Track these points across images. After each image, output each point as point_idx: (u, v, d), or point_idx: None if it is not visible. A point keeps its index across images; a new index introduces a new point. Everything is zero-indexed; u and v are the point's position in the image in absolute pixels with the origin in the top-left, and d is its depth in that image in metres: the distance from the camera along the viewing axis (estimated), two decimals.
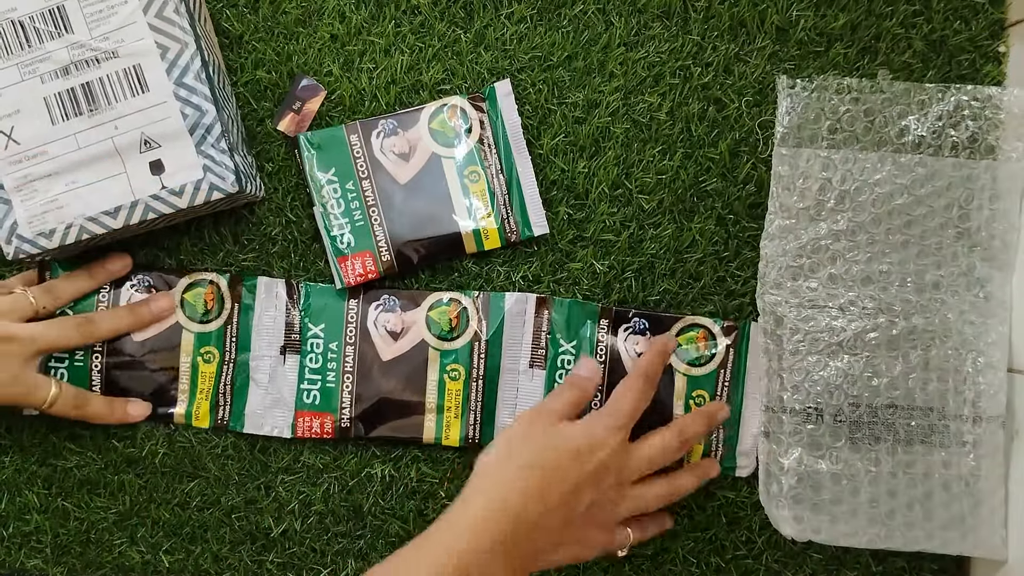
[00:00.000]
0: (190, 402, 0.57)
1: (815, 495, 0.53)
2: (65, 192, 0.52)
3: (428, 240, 0.56)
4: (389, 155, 0.56)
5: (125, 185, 0.52)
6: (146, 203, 0.52)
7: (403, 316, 0.56)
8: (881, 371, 0.53)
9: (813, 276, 0.54)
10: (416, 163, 0.56)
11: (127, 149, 0.51)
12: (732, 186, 0.57)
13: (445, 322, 0.56)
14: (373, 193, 0.56)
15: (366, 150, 0.56)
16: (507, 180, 0.57)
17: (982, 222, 0.53)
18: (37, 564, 0.58)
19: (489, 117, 0.57)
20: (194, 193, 0.52)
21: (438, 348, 0.56)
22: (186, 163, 0.52)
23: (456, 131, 0.56)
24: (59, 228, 0.52)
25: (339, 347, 0.57)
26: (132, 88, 0.51)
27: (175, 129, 0.51)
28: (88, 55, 0.50)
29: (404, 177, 0.56)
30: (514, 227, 0.57)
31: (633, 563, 0.57)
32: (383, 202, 0.56)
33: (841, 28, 0.57)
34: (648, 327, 0.56)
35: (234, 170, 0.52)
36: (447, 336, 0.56)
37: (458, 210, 0.56)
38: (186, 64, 0.51)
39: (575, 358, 0.56)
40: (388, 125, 0.56)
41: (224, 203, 0.54)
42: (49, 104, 0.51)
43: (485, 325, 0.56)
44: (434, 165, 0.56)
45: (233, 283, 0.57)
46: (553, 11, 0.57)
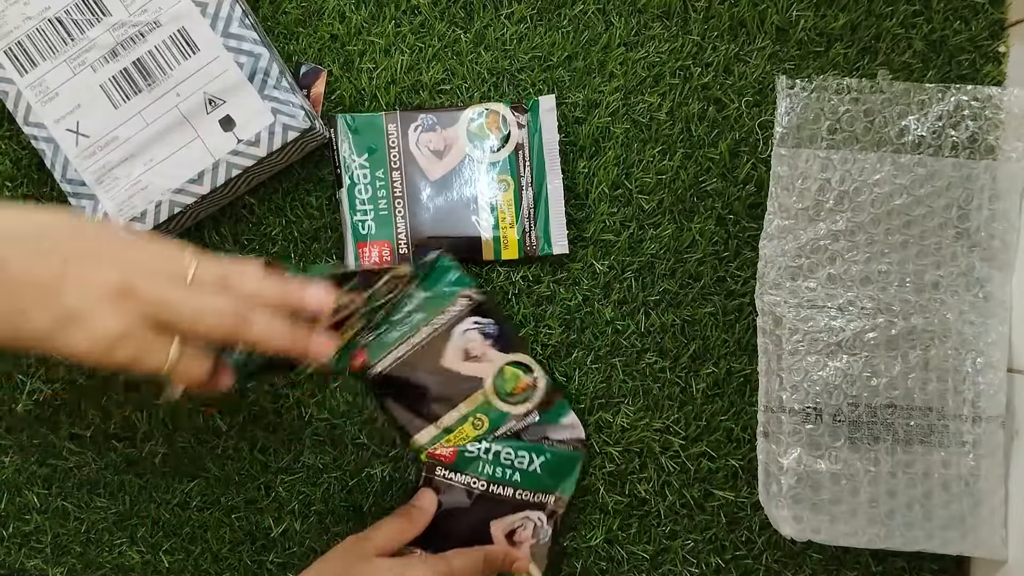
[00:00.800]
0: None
1: (814, 495, 0.53)
2: (146, 172, 0.52)
3: (448, 239, 0.56)
4: (424, 150, 0.56)
5: (202, 149, 0.52)
6: (227, 161, 0.52)
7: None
8: (880, 371, 0.53)
9: (812, 276, 0.54)
10: (449, 162, 0.56)
11: (194, 113, 0.51)
12: (732, 186, 0.57)
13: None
14: (402, 185, 0.56)
15: (402, 141, 0.56)
16: (536, 194, 0.57)
17: (982, 222, 0.53)
18: (37, 564, 0.58)
19: (529, 129, 0.57)
20: (270, 139, 0.52)
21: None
22: (255, 111, 0.52)
23: (494, 137, 0.56)
24: (149, 208, 0.52)
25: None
26: (183, 52, 0.51)
27: (235, 81, 0.51)
28: (131, 32, 0.51)
29: (435, 174, 0.56)
30: (535, 241, 0.57)
31: (633, 563, 0.57)
32: (410, 195, 0.56)
33: (841, 28, 0.57)
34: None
35: (300, 106, 0.52)
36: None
37: (482, 215, 0.56)
38: (228, 14, 0.51)
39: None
40: (427, 120, 0.56)
41: (297, 151, 0.54)
42: (107, 90, 0.51)
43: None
44: (466, 167, 0.56)
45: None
46: (553, 11, 0.58)
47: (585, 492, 0.57)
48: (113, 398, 0.58)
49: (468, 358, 0.55)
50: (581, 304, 0.58)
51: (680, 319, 0.57)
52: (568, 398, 0.57)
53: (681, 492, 0.57)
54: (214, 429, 0.58)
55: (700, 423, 0.57)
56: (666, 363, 0.57)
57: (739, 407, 0.57)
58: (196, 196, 0.52)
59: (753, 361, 0.57)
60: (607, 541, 0.57)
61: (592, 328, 0.58)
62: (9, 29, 0.51)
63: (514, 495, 0.55)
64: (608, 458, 0.57)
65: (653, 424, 0.57)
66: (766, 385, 0.54)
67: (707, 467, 0.57)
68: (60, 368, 0.58)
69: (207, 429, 0.58)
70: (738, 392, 0.57)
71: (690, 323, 0.57)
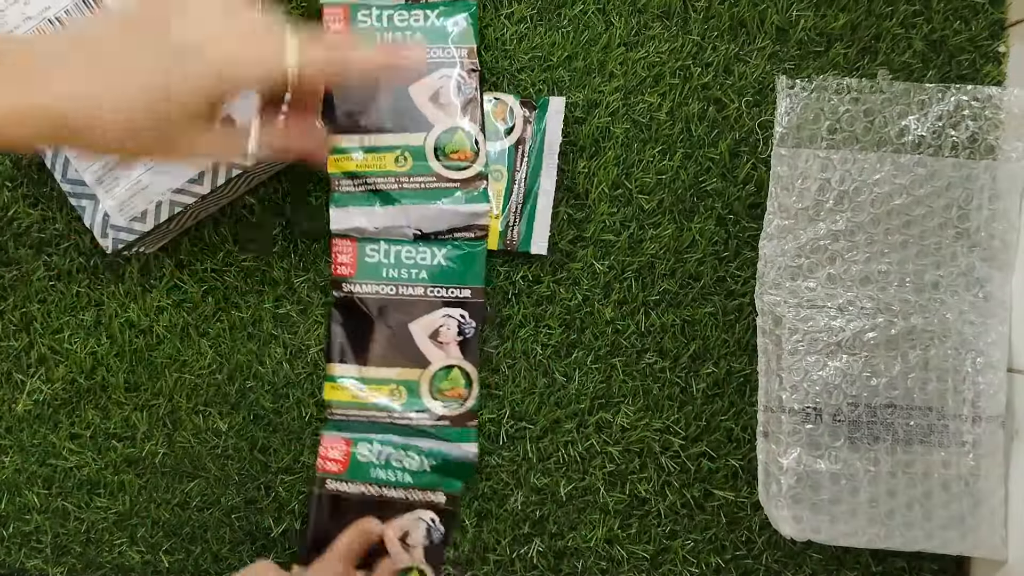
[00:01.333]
0: None
1: (814, 495, 0.53)
2: (146, 171, 0.52)
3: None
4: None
5: None
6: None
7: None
8: (880, 371, 0.53)
9: (812, 276, 0.54)
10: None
11: None
12: (732, 186, 0.57)
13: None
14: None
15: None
16: (527, 191, 0.57)
17: (981, 222, 0.53)
18: (37, 564, 0.58)
19: (534, 126, 0.57)
20: None
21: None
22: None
23: (498, 126, 0.56)
24: (149, 208, 0.52)
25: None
26: None
27: None
28: None
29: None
30: (515, 237, 0.57)
31: (633, 563, 0.57)
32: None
33: (841, 28, 0.57)
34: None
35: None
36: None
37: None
38: None
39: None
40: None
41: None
42: None
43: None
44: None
45: None
46: (553, 11, 0.58)
47: (585, 492, 0.58)
48: (113, 398, 0.58)
49: (432, 337, 0.56)
50: (581, 304, 0.58)
51: (680, 319, 0.57)
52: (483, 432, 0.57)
53: (681, 492, 0.57)
54: (214, 429, 0.58)
55: (700, 423, 0.57)
56: (666, 363, 0.57)
57: (739, 407, 0.57)
58: (196, 196, 0.52)
59: (753, 361, 0.57)
60: (607, 541, 0.58)
61: (592, 328, 0.58)
62: (9, 29, 0.51)
63: (405, 496, 0.56)
64: (608, 458, 0.57)
65: (653, 424, 0.57)
66: (766, 385, 0.54)
67: (707, 467, 0.57)
68: (60, 368, 0.58)
69: (207, 429, 0.58)
70: (738, 392, 0.57)
71: (690, 323, 0.57)
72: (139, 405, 0.58)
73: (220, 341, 0.58)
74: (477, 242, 0.56)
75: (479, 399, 0.57)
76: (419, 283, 0.56)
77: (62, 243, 0.58)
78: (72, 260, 0.58)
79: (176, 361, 0.58)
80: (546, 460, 0.58)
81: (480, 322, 0.56)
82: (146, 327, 0.58)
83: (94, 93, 0.37)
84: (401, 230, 0.56)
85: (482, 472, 0.58)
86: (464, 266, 0.56)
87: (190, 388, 0.58)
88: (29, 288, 0.59)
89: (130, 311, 0.58)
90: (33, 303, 0.58)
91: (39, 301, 0.58)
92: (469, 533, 0.58)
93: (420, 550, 0.56)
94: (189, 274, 0.58)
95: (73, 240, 0.58)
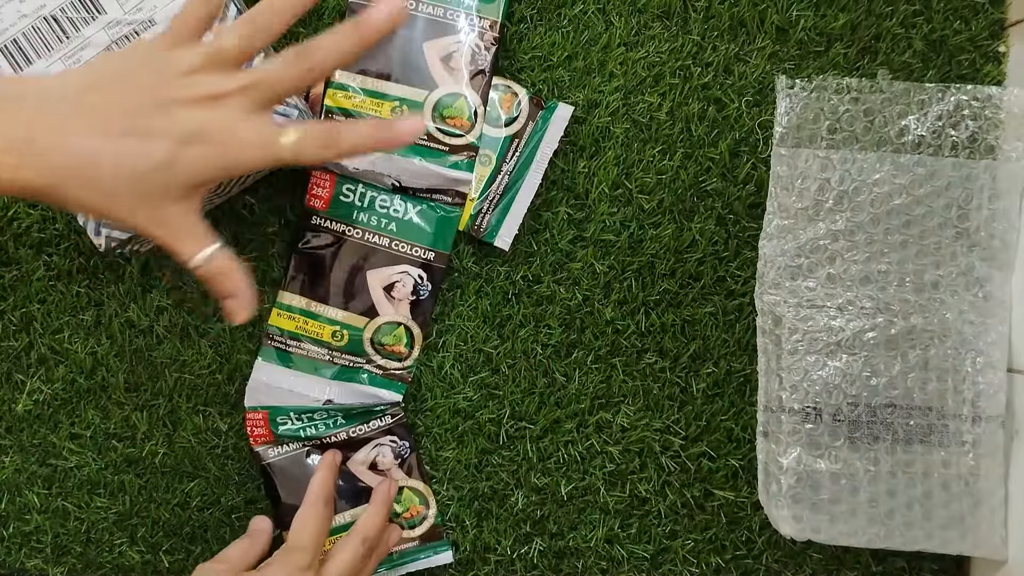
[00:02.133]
0: None
1: (814, 494, 0.53)
2: None
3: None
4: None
5: None
6: None
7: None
8: (880, 371, 0.53)
9: (812, 276, 0.54)
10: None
11: None
12: (732, 186, 0.57)
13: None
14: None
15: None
16: (509, 185, 0.56)
17: (981, 222, 0.53)
18: (37, 564, 0.58)
19: (536, 125, 0.57)
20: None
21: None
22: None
23: (500, 114, 0.56)
24: None
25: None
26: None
27: None
28: (126, 30, 0.51)
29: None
30: (484, 226, 0.56)
31: (633, 563, 0.57)
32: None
33: (841, 28, 0.57)
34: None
35: (296, 106, 0.52)
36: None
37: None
38: (223, 14, 0.51)
39: None
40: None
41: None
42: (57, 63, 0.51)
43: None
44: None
45: None
46: (553, 11, 0.58)
47: (585, 492, 0.58)
48: (113, 398, 0.58)
49: (387, 290, 0.56)
50: (581, 304, 0.58)
51: (680, 319, 0.57)
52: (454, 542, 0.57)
53: (681, 492, 0.57)
54: (214, 429, 0.58)
55: (700, 423, 0.57)
56: (666, 363, 0.57)
57: (739, 407, 0.57)
58: None
59: (753, 361, 0.57)
60: (607, 541, 0.58)
61: (592, 328, 0.58)
62: (5, 27, 0.51)
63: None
64: (608, 458, 0.57)
65: (653, 424, 0.57)
66: (766, 385, 0.54)
67: (707, 467, 0.57)
68: (60, 368, 0.58)
69: (207, 429, 0.58)
70: (738, 392, 0.57)
71: (690, 323, 0.57)
72: (139, 405, 0.58)
73: (220, 341, 0.58)
74: (453, 208, 0.56)
75: (416, 363, 0.57)
76: (386, 234, 0.56)
77: (62, 243, 0.58)
78: (72, 260, 0.58)
79: (176, 361, 0.58)
80: (546, 460, 0.58)
81: (437, 287, 0.56)
82: (146, 327, 0.58)
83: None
84: (381, 177, 0.56)
85: (482, 472, 0.58)
86: (434, 229, 0.56)
87: (190, 388, 0.58)
88: (29, 288, 0.58)
89: (130, 311, 0.58)
90: (33, 303, 0.58)
91: (39, 301, 0.58)
92: (470, 533, 0.58)
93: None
94: (189, 274, 0.58)
95: (73, 240, 0.58)
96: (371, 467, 0.57)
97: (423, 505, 0.57)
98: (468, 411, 0.58)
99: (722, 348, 0.57)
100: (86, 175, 0.38)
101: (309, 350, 0.57)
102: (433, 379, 0.58)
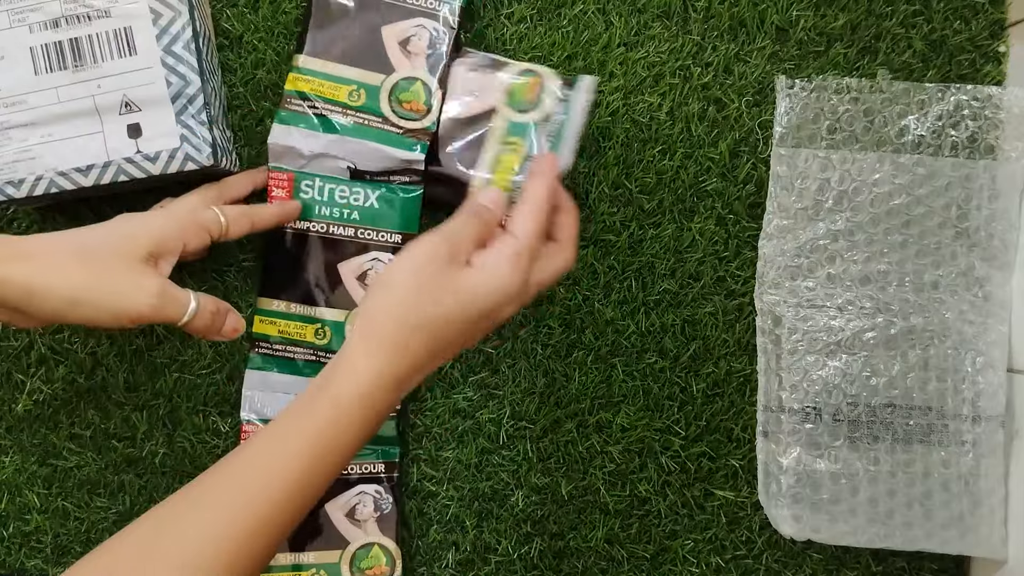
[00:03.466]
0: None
1: (814, 494, 0.53)
2: (39, 144, 0.52)
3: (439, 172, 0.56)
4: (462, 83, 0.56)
5: (100, 145, 0.52)
6: (119, 165, 0.52)
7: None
8: (880, 370, 0.53)
9: (811, 276, 0.54)
10: (476, 106, 0.56)
11: (107, 109, 0.52)
12: (732, 186, 0.57)
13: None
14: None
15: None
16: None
17: (981, 222, 0.53)
18: (37, 564, 0.58)
19: (563, 107, 0.55)
20: (168, 161, 0.52)
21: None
22: (164, 130, 0.52)
23: (527, 101, 0.56)
24: (28, 179, 0.52)
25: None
26: (120, 49, 0.51)
27: (158, 95, 0.52)
28: (80, 11, 0.51)
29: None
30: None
31: (633, 563, 0.57)
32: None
33: (841, 28, 0.57)
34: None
35: (211, 143, 0.52)
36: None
37: (478, 166, 0.56)
38: (177, 32, 0.51)
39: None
40: (483, 60, 0.56)
41: (197, 175, 0.54)
42: (34, 54, 0.51)
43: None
44: (486, 116, 0.55)
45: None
46: (553, 11, 0.58)
47: (585, 492, 0.58)
48: (113, 398, 0.58)
49: (360, 279, 0.56)
50: (581, 304, 0.58)
51: (680, 319, 0.57)
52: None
53: (681, 492, 0.57)
54: (214, 429, 0.58)
55: (700, 423, 0.57)
56: (666, 363, 0.57)
57: (739, 407, 0.57)
58: (77, 185, 0.52)
59: (753, 361, 0.57)
60: (607, 541, 0.58)
61: (592, 328, 0.58)
62: None
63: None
64: (608, 458, 0.57)
65: (653, 424, 0.57)
66: (765, 385, 0.54)
67: (707, 467, 0.57)
68: (60, 368, 0.58)
69: (207, 429, 0.58)
70: (738, 392, 0.57)
71: (690, 323, 0.57)
72: (139, 405, 0.58)
73: (220, 341, 0.58)
74: (412, 187, 0.56)
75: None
76: (350, 223, 0.56)
77: None
78: None
79: (176, 361, 0.58)
80: (546, 460, 0.58)
81: None
82: (146, 327, 0.58)
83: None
84: (335, 161, 0.56)
85: (482, 472, 0.58)
86: (397, 211, 0.56)
87: (190, 388, 0.58)
88: None
89: None
90: None
91: None
92: (470, 534, 0.58)
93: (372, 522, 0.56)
94: (189, 274, 0.58)
95: None
96: (348, 515, 0.56)
97: (389, 566, 0.56)
98: (468, 411, 0.58)
99: (722, 348, 0.57)
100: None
101: (295, 352, 0.56)
102: (433, 379, 0.58)
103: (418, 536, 0.58)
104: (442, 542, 0.58)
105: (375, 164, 0.56)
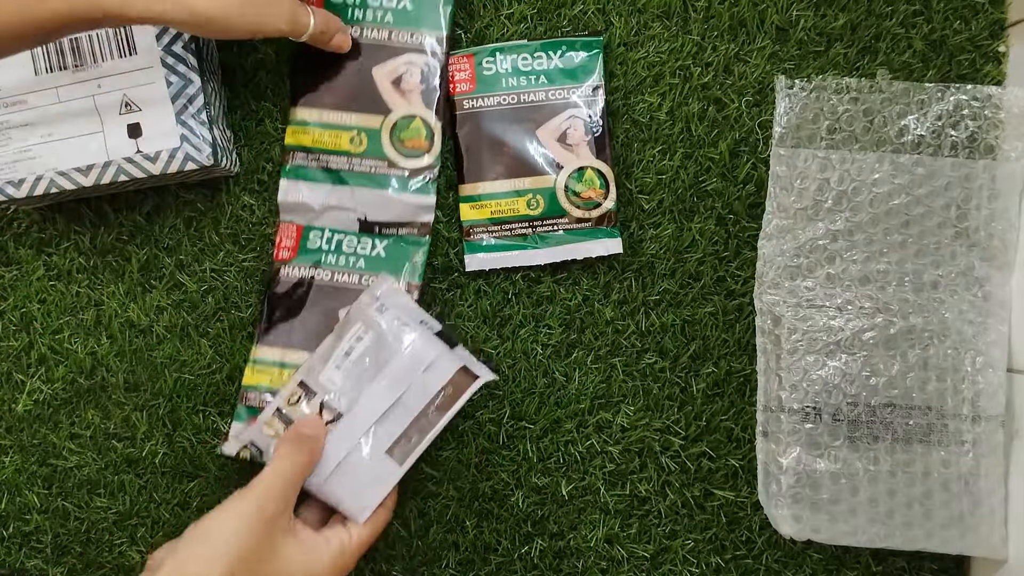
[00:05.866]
0: None
1: (814, 494, 0.53)
2: (39, 144, 0.52)
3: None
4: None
5: (101, 144, 0.52)
6: (119, 165, 0.52)
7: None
8: (879, 370, 0.53)
9: (811, 276, 0.54)
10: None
11: (107, 109, 0.52)
12: (732, 186, 0.57)
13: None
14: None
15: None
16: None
17: (981, 221, 0.53)
18: (37, 564, 0.58)
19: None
20: (168, 161, 0.52)
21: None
22: (164, 130, 0.52)
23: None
24: (29, 178, 0.52)
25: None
26: (120, 49, 0.51)
27: (158, 95, 0.52)
28: None
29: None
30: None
31: (633, 563, 0.57)
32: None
33: (841, 28, 0.57)
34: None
35: (211, 143, 0.52)
36: None
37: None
38: (177, 32, 0.51)
39: None
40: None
41: (197, 174, 0.54)
42: (35, 54, 0.52)
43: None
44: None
45: None
46: (553, 11, 0.58)
47: (585, 492, 0.58)
48: (113, 398, 0.58)
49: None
50: (581, 304, 0.58)
51: (680, 319, 0.57)
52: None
53: (681, 492, 0.57)
54: (214, 429, 0.58)
55: (700, 423, 0.57)
56: (666, 363, 0.57)
57: (739, 407, 0.57)
58: (77, 184, 0.52)
59: (753, 361, 0.57)
60: (607, 541, 0.58)
61: (592, 328, 0.58)
62: None
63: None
64: (608, 458, 0.57)
65: (653, 424, 0.57)
66: (765, 384, 0.54)
67: (707, 467, 0.57)
68: (60, 368, 0.58)
69: (207, 429, 0.58)
70: (738, 392, 0.57)
71: (690, 323, 0.57)
72: (139, 405, 0.58)
73: (220, 341, 0.58)
74: (420, 239, 0.56)
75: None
76: (355, 271, 0.56)
77: (62, 243, 0.59)
78: (72, 260, 0.58)
79: (176, 361, 0.58)
80: (546, 460, 0.58)
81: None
82: (146, 327, 0.58)
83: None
84: (347, 213, 0.56)
85: (482, 472, 0.58)
86: (404, 261, 0.56)
87: (190, 388, 0.58)
88: (29, 288, 0.59)
89: (130, 311, 0.58)
90: (33, 303, 0.58)
91: (39, 301, 0.59)
92: (470, 534, 0.58)
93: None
94: (189, 274, 0.58)
95: (73, 240, 0.58)
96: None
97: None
98: (468, 411, 0.58)
99: (722, 348, 0.57)
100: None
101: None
102: None
103: (418, 536, 0.58)
104: (442, 542, 0.58)
105: (386, 214, 0.56)
